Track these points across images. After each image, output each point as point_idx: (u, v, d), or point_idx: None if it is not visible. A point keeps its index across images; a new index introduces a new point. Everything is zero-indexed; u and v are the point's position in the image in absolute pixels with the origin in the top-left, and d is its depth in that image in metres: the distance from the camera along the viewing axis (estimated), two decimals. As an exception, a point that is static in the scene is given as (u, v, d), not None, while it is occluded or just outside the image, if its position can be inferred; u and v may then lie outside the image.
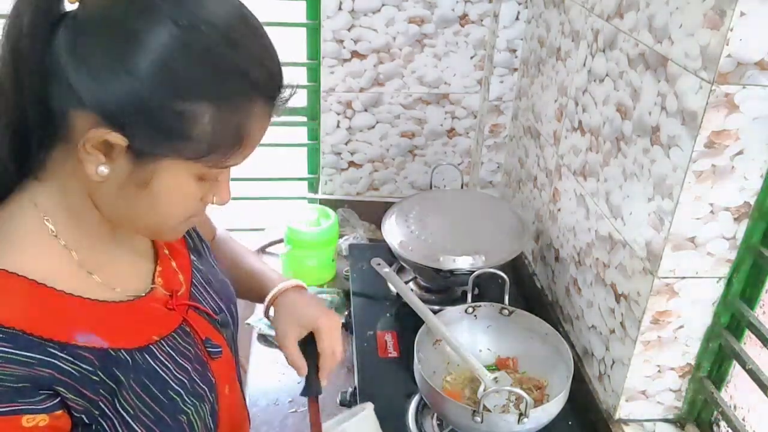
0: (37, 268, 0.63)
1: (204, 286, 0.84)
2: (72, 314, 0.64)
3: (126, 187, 0.63)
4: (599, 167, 1.21)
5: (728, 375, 1.08)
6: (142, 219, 0.67)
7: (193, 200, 0.67)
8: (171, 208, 0.66)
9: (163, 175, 0.62)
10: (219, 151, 0.62)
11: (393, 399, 1.21)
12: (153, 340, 0.71)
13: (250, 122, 0.63)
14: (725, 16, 0.83)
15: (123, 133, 0.59)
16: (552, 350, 1.14)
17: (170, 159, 0.61)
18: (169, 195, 0.64)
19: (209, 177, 0.66)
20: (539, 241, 1.55)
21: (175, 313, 0.76)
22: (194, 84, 0.59)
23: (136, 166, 0.61)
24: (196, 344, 0.77)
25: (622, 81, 1.12)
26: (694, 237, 0.98)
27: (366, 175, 1.90)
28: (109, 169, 0.61)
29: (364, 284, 1.51)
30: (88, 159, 0.60)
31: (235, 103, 0.61)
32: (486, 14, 1.68)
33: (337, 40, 1.68)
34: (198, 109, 0.59)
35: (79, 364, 0.62)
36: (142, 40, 0.57)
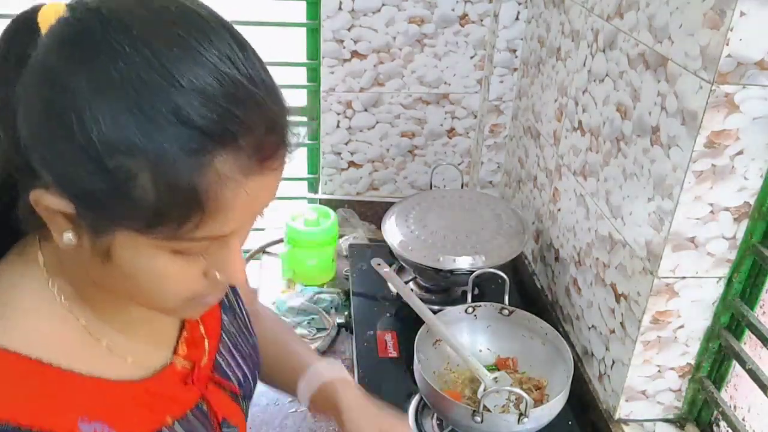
0: (38, 342, 0.55)
1: (231, 352, 0.73)
2: (77, 399, 0.55)
3: (94, 257, 0.52)
4: (599, 167, 1.21)
5: (728, 375, 1.08)
6: (129, 293, 0.56)
7: (183, 278, 0.54)
8: (152, 286, 0.54)
9: (121, 249, 0.50)
10: (172, 222, 0.48)
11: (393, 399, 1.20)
12: (167, 422, 0.61)
13: (211, 182, 0.47)
14: (725, 16, 0.83)
15: (69, 200, 0.48)
16: (552, 350, 1.14)
17: (122, 231, 0.49)
18: (140, 272, 0.52)
19: (189, 251, 0.52)
20: (539, 241, 1.55)
21: (194, 389, 0.65)
22: (121, 135, 0.45)
23: (92, 235, 0.50)
24: (212, 426, 0.67)
25: (622, 81, 1.12)
26: (694, 237, 0.98)
27: (366, 175, 1.90)
28: (74, 237, 0.51)
29: (364, 284, 1.51)
30: (52, 225, 0.51)
31: (175, 157, 0.45)
32: (486, 14, 1.68)
33: (337, 40, 1.68)
34: (133, 167, 0.45)
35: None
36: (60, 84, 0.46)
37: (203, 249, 0.53)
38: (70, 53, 0.47)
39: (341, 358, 1.45)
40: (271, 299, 1.59)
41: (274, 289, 1.64)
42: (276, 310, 1.55)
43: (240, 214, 0.50)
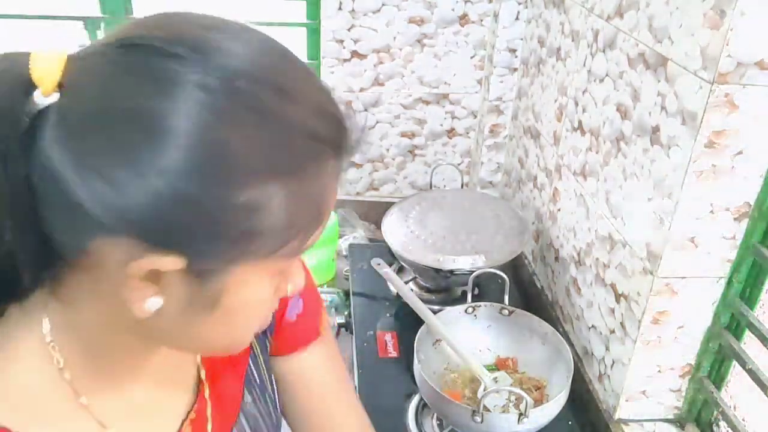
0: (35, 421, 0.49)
1: None
2: None
3: (187, 312, 0.46)
4: (599, 167, 1.21)
5: (728, 375, 1.08)
6: (212, 341, 0.50)
7: (269, 301, 0.51)
8: (248, 321, 0.50)
9: (236, 287, 0.46)
10: (299, 236, 0.46)
11: (393, 399, 1.21)
12: None
13: (325, 189, 0.47)
14: (725, 16, 0.83)
15: (176, 254, 0.42)
16: (552, 350, 1.14)
17: (241, 265, 0.45)
18: (246, 306, 0.48)
19: (287, 269, 0.51)
20: (539, 241, 1.55)
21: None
22: (253, 164, 0.41)
23: (198, 286, 0.44)
24: None
25: (622, 81, 1.12)
26: (694, 237, 0.98)
27: (366, 175, 1.90)
28: (163, 300, 0.44)
29: (364, 284, 1.51)
30: (132, 297, 0.44)
31: (307, 172, 0.44)
32: (486, 14, 1.68)
33: (337, 40, 1.68)
34: (264, 195, 0.42)
35: None
36: (165, 123, 0.39)
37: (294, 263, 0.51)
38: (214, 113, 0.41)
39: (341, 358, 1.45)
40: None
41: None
42: (276, 310, 1.55)
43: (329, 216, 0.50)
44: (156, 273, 0.43)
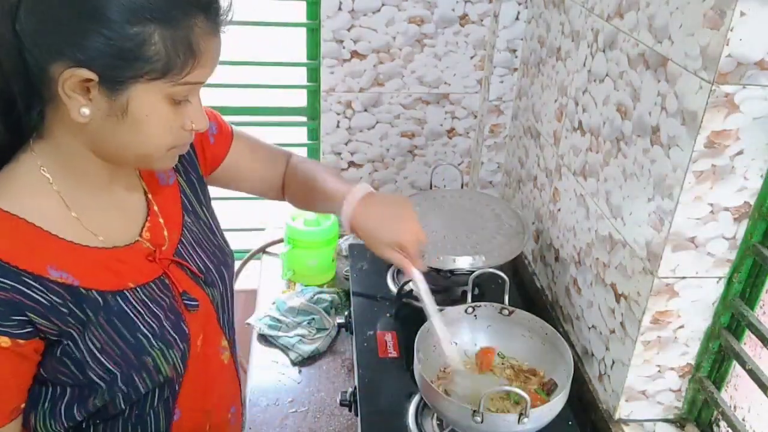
0: (24, 207, 0.72)
1: (193, 246, 0.89)
2: (49, 250, 0.72)
3: (108, 120, 0.70)
4: (599, 167, 1.21)
5: (728, 375, 1.08)
6: (130, 148, 0.73)
7: (171, 126, 0.73)
8: (152, 132, 0.72)
9: (137, 100, 0.69)
10: (176, 67, 0.69)
11: (393, 399, 1.21)
12: (128, 286, 0.78)
13: (197, 37, 0.69)
14: (725, 16, 0.83)
15: (91, 69, 0.66)
16: (552, 350, 1.14)
17: (138, 83, 0.68)
18: (148, 119, 0.71)
19: (179, 97, 0.72)
20: (539, 241, 1.55)
21: (156, 266, 0.82)
22: (140, 8, 0.65)
23: (111, 98, 0.68)
24: (173, 296, 0.83)
25: (622, 81, 1.12)
26: (694, 237, 0.98)
27: (366, 175, 1.90)
28: (90, 109, 0.68)
29: (364, 284, 1.51)
30: (70, 104, 0.68)
31: (178, 21, 0.67)
32: (486, 14, 1.68)
33: (337, 40, 1.68)
34: (147, 30, 0.66)
35: (48, 295, 0.70)
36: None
37: (185, 96, 0.73)
38: None
39: (341, 358, 1.45)
40: (271, 299, 1.59)
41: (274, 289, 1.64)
42: (276, 310, 1.55)
43: (210, 65, 0.73)
44: (84, 86, 0.67)
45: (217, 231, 0.97)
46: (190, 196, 0.93)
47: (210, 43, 0.71)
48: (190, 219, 0.91)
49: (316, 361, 1.43)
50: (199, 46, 0.70)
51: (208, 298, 0.89)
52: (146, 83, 0.68)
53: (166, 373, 0.80)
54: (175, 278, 0.84)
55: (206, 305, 0.88)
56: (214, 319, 0.91)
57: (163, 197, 0.88)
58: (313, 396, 1.34)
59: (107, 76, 0.67)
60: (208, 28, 0.70)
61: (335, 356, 1.46)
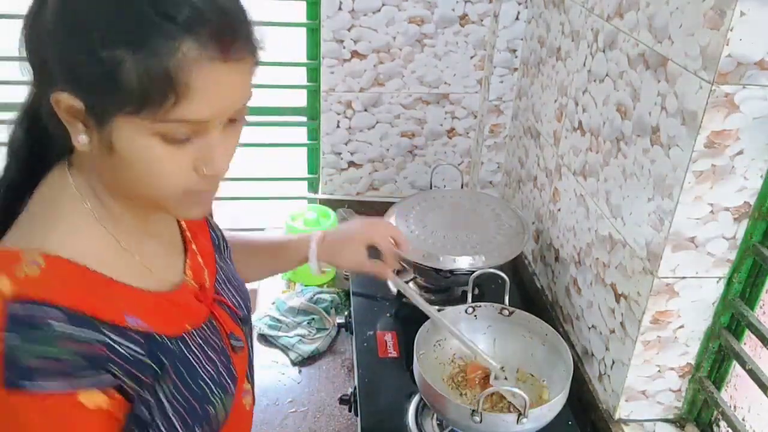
0: (84, 253, 0.64)
1: (226, 282, 0.84)
2: (120, 298, 0.65)
3: (102, 154, 0.62)
4: (599, 167, 1.21)
5: (728, 375, 1.08)
6: (134, 187, 0.65)
7: (174, 166, 0.62)
8: (150, 172, 0.62)
9: (120, 136, 0.60)
10: (153, 101, 0.57)
11: (393, 399, 1.21)
12: (187, 329, 0.71)
13: (180, 66, 0.56)
14: (725, 16, 0.83)
15: (76, 96, 0.59)
16: (552, 350, 1.14)
17: (118, 117, 0.58)
18: (138, 158, 0.61)
19: (175, 136, 0.60)
20: (539, 241, 1.55)
21: (203, 306, 0.76)
22: (106, 29, 0.56)
23: (98, 129, 0.60)
24: (222, 338, 0.77)
25: (622, 81, 1.12)
26: (694, 237, 0.98)
27: (366, 175, 1.90)
28: (87, 137, 0.61)
29: (364, 284, 1.51)
30: (71, 129, 0.61)
31: (155, 46, 0.55)
32: (486, 14, 1.68)
33: (337, 40, 1.68)
34: (117, 56, 0.55)
35: (130, 346, 0.63)
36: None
37: (185, 136, 0.61)
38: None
39: (341, 358, 1.45)
40: (271, 299, 1.59)
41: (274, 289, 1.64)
42: (276, 310, 1.55)
43: (211, 100, 0.59)
44: (76, 111, 0.59)
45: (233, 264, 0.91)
46: (216, 229, 0.89)
47: (207, 74, 0.57)
48: (218, 255, 0.86)
49: (316, 361, 1.43)
50: (184, 78, 0.56)
51: (245, 337, 0.84)
52: (127, 118, 0.58)
53: (220, 422, 0.74)
54: (221, 318, 0.78)
55: (245, 344, 0.84)
56: (249, 359, 0.86)
57: (196, 230, 0.83)
58: (313, 396, 1.34)
59: (89, 104, 0.59)
60: (203, 55, 0.57)
61: (335, 356, 1.46)
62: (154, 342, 0.66)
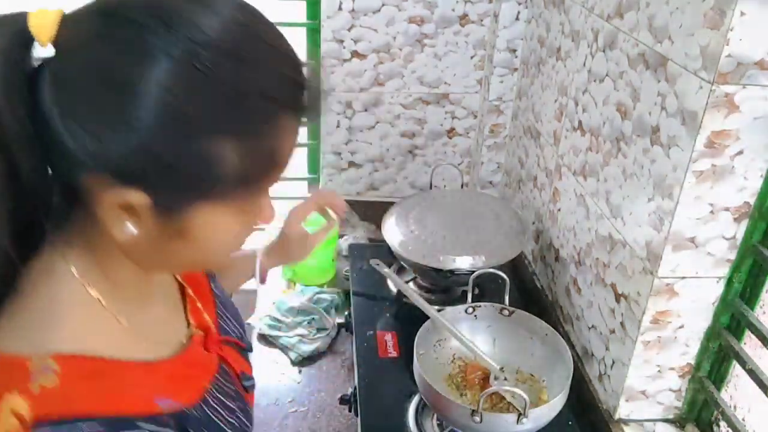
0: (96, 342, 0.57)
1: (224, 311, 0.80)
2: (146, 382, 0.59)
3: (161, 239, 0.55)
4: (599, 167, 1.21)
5: (728, 375, 1.08)
6: (188, 264, 0.62)
7: (238, 232, 0.60)
8: (218, 247, 0.59)
9: (200, 222, 0.54)
10: (254, 182, 0.55)
11: (393, 399, 1.21)
12: (205, 388, 0.67)
13: (280, 142, 0.54)
14: (725, 16, 0.83)
15: (143, 191, 0.51)
16: (552, 350, 1.14)
17: (203, 202, 0.54)
18: (212, 236, 0.57)
19: (251, 206, 0.58)
20: (539, 241, 1.55)
21: (212, 354, 0.71)
22: (208, 120, 0.50)
23: (166, 219, 0.54)
24: (234, 381, 0.73)
25: (622, 81, 1.12)
26: (694, 237, 0.98)
27: (366, 175, 1.90)
28: (138, 228, 0.54)
29: (364, 284, 1.51)
30: (111, 222, 0.53)
31: (260, 128, 0.52)
32: (486, 14, 1.68)
33: (337, 40, 1.68)
34: (221, 147, 0.50)
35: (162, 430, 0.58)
36: (135, 84, 0.48)
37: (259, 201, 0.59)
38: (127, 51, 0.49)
39: (341, 358, 1.45)
40: (271, 299, 1.59)
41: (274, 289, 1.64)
42: (276, 310, 1.55)
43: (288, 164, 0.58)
44: (129, 206, 0.52)
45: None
46: None
47: (292, 142, 0.56)
48: (214, 284, 0.81)
49: (316, 361, 1.43)
50: (282, 152, 0.55)
51: (250, 367, 0.79)
52: (214, 202, 0.54)
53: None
54: (230, 360, 0.73)
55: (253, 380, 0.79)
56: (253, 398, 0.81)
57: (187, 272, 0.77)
58: (313, 396, 1.34)
59: (163, 200, 0.52)
60: (293, 127, 0.55)
61: (335, 356, 1.46)
62: (183, 418, 0.61)
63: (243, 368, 0.76)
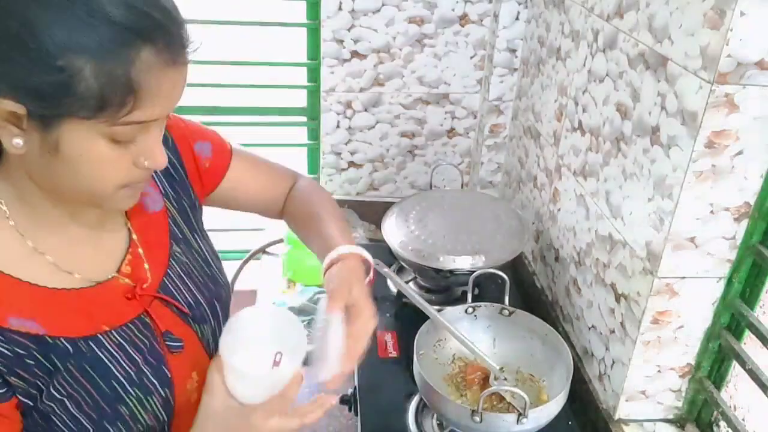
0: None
1: (182, 278, 0.82)
2: (9, 298, 0.66)
3: (43, 156, 0.62)
4: (599, 167, 1.21)
5: (728, 375, 1.08)
6: (73, 187, 0.66)
7: (116, 166, 0.65)
8: (94, 173, 0.64)
9: (68, 138, 0.61)
10: (112, 106, 0.60)
11: (393, 399, 1.21)
12: (102, 329, 0.71)
13: (138, 72, 0.59)
14: (725, 16, 0.83)
15: (18, 101, 0.58)
16: (552, 350, 1.14)
17: (69, 120, 0.60)
18: (84, 159, 0.63)
19: (123, 138, 0.63)
20: (539, 241, 1.55)
21: (135, 304, 0.75)
22: (63, 38, 0.57)
23: (42, 132, 0.61)
24: (155, 337, 0.76)
25: (622, 81, 1.12)
26: (694, 237, 0.98)
27: (366, 175, 1.90)
28: (23, 141, 0.61)
29: (364, 284, 1.51)
30: (2, 134, 0.61)
31: (114, 55, 0.58)
32: (486, 14, 1.68)
33: (337, 40, 1.68)
34: (76, 64, 0.57)
35: (11, 346, 0.65)
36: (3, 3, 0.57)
37: (132, 136, 0.64)
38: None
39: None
40: (271, 299, 1.59)
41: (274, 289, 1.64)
42: (276, 310, 1.55)
43: (162, 102, 0.63)
44: (14, 116, 0.59)
45: (212, 261, 0.89)
46: (181, 223, 0.86)
47: (160, 78, 0.61)
48: (180, 248, 0.84)
49: (316, 361, 1.43)
50: (142, 83, 0.60)
51: (196, 336, 0.82)
52: (78, 121, 0.60)
53: (146, 422, 0.74)
54: (156, 317, 0.76)
55: (194, 344, 0.81)
56: (205, 358, 0.83)
57: (148, 226, 0.81)
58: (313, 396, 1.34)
59: (35, 109, 0.59)
60: (158, 62, 0.60)
61: (335, 356, 1.45)
62: (45, 344, 0.67)
63: (171, 327, 0.78)
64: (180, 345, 0.78)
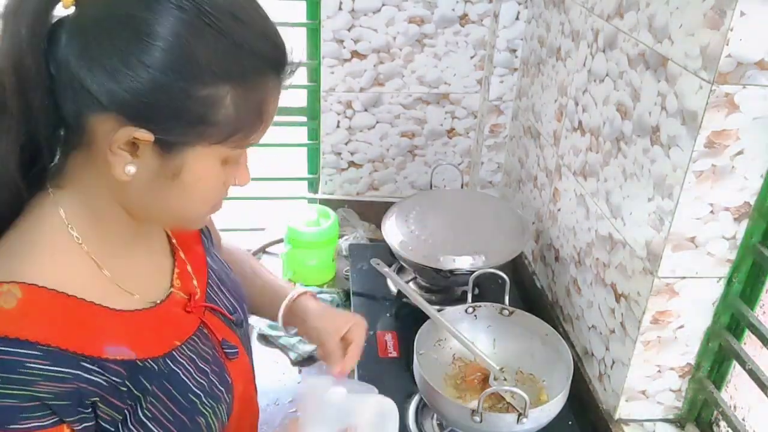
0: (65, 279, 0.63)
1: (218, 285, 0.84)
2: (101, 326, 0.65)
3: (155, 180, 0.63)
4: (599, 167, 1.21)
5: (728, 375, 1.08)
6: (173, 210, 0.67)
7: (223, 186, 0.68)
8: (201, 195, 0.66)
9: (193, 163, 0.62)
10: (242, 131, 0.63)
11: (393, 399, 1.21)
12: (174, 345, 0.72)
13: (266, 97, 0.64)
14: (725, 16, 0.83)
15: (148, 129, 0.59)
16: (552, 350, 1.14)
17: (198, 146, 0.62)
18: (202, 183, 0.65)
19: (232, 159, 0.66)
20: (539, 241, 1.55)
21: (193, 316, 0.77)
22: (211, 67, 0.58)
23: (164, 158, 0.61)
24: (214, 346, 0.78)
25: (622, 81, 1.12)
26: (694, 237, 0.98)
27: (366, 175, 1.90)
28: (136, 167, 0.61)
29: (364, 284, 1.51)
30: (114, 161, 0.60)
31: (252, 81, 0.62)
32: (486, 14, 1.68)
33: (337, 40, 1.68)
34: (219, 92, 0.59)
35: (108, 376, 0.64)
36: (151, 31, 0.57)
37: (239, 157, 0.67)
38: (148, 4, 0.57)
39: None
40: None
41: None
42: (276, 310, 1.55)
43: (270, 123, 0.66)
44: (133, 143, 0.60)
45: (227, 263, 0.92)
46: (205, 230, 0.88)
47: (276, 102, 0.65)
48: (210, 258, 0.86)
49: (316, 362, 1.43)
50: (269, 109, 0.64)
51: (240, 341, 0.84)
52: (207, 147, 0.62)
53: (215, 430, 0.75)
54: (212, 326, 0.78)
55: (241, 348, 0.83)
56: (248, 362, 0.87)
57: (185, 238, 0.83)
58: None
59: (165, 138, 0.60)
60: (277, 87, 0.65)
61: (335, 356, 1.45)
62: (137, 368, 0.67)
63: (225, 336, 0.80)
64: (236, 351, 0.80)
